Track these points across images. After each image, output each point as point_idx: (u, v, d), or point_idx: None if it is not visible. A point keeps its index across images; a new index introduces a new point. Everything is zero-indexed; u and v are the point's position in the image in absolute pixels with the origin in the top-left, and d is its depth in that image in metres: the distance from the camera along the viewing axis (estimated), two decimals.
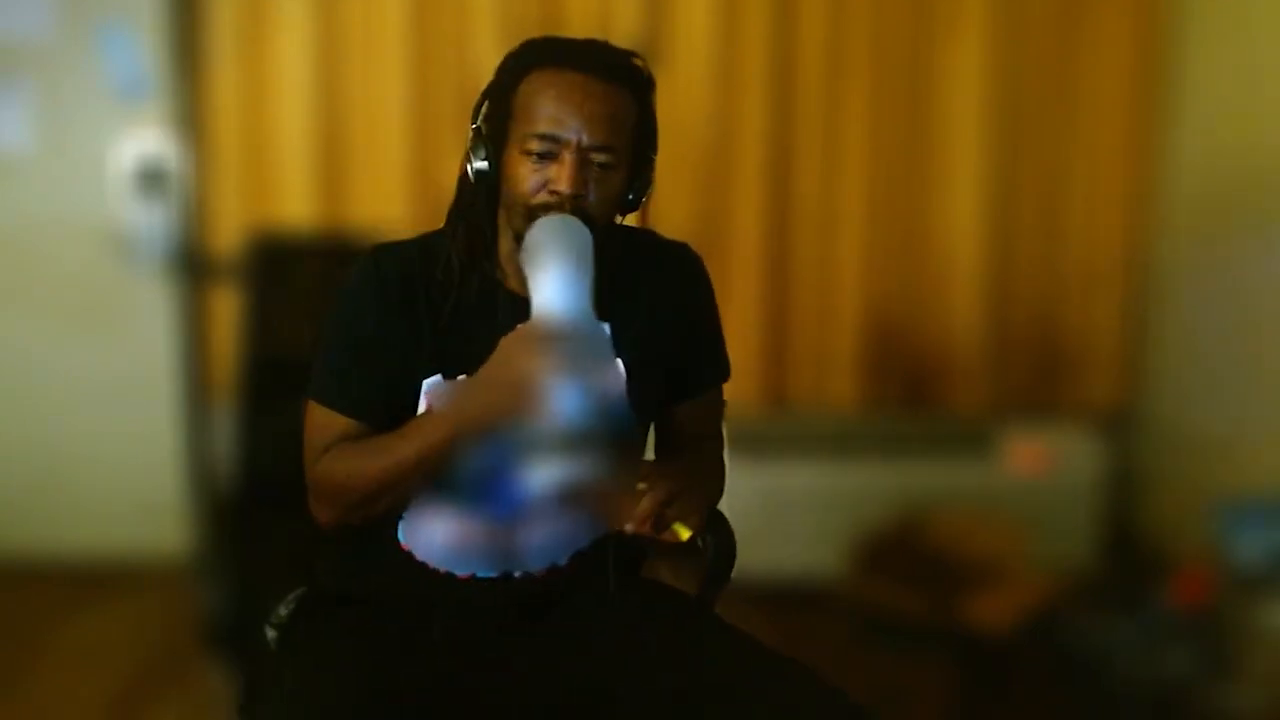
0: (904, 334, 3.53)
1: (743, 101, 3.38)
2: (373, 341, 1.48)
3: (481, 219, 1.49)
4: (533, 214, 1.42)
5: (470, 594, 1.51)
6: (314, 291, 2.76)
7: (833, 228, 3.46)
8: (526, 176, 1.43)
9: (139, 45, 3.37)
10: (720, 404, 1.68)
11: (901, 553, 3.08)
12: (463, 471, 1.46)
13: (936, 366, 3.54)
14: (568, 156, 1.42)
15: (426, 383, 1.47)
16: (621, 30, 3.31)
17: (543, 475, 1.33)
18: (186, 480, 3.48)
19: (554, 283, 1.35)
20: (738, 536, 1.62)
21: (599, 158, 1.43)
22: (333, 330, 1.52)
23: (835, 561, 3.17)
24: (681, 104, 3.36)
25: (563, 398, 1.30)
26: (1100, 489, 3.48)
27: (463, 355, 1.44)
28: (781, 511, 3.31)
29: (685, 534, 1.42)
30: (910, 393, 3.55)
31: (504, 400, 1.35)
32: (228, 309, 3.38)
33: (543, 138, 1.42)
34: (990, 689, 2.86)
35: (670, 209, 3.37)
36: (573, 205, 1.42)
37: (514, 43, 1.51)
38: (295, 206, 3.34)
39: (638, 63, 1.49)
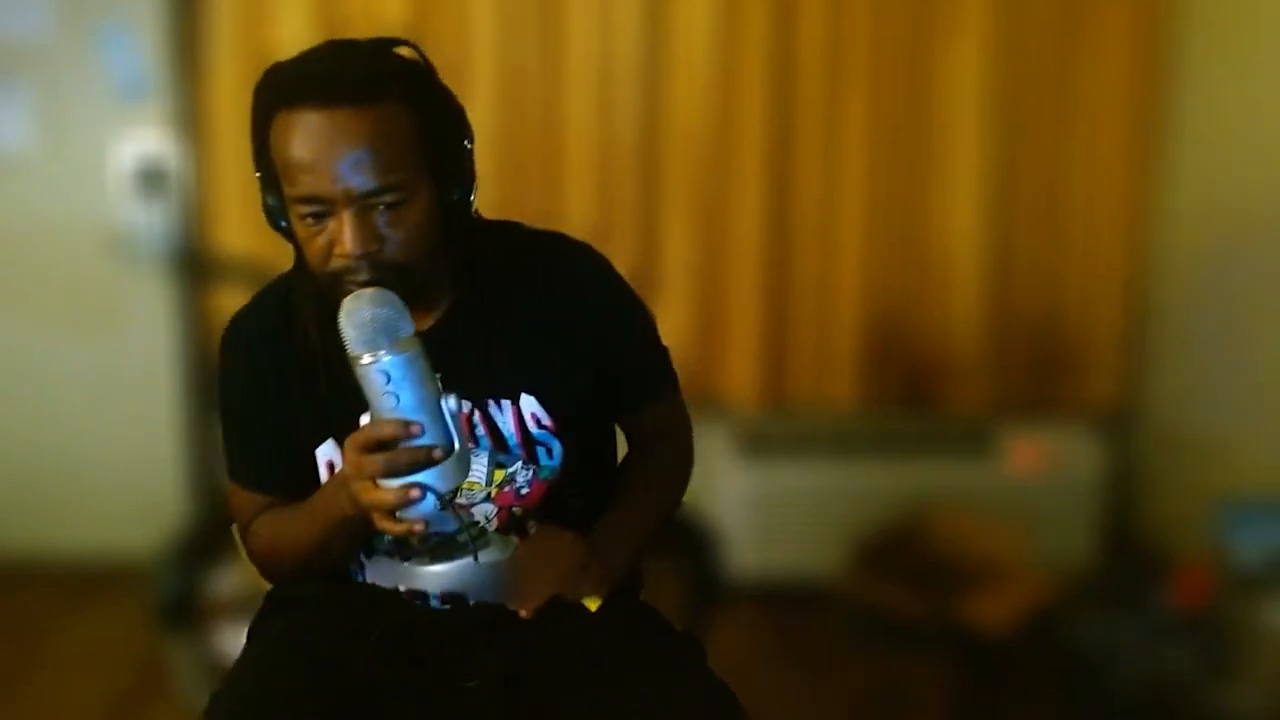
0: (904, 334, 3.52)
1: (743, 102, 3.38)
2: (254, 417, 1.43)
3: (305, 283, 1.36)
4: (334, 280, 1.29)
5: (425, 621, 1.44)
6: None
7: (833, 228, 3.45)
8: (310, 241, 1.29)
9: (139, 45, 3.37)
10: (674, 401, 1.57)
11: (901, 553, 3.07)
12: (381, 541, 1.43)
13: (936, 366, 3.54)
14: (344, 214, 1.26)
15: (320, 450, 1.42)
16: (622, 30, 3.31)
17: (420, 584, 1.31)
18: (186, 480, 3.48)
19: (374, 380, 1.23)
20: (738, 537, 1.60)
21: (383, 199, 1.26)
22: (221, 408, 1.47)
23: (835, 561, 3.17)
24: (682, 105, 3.36)
25: (407, 509, 1.25)
26: (1100, 489, 3.48)
27: (349, 416, 1.33)
28: (781, 511, 3.31)
29: (593, 605, 1.38)
30: (910, 393, 3.55)
31: (355, 508, 1.29)
32: (228, 309, 3.38)
33: (308, 200, 1.27)
34: (990, 689, 2.86)
35: (670, 209, 3.37)
36: (369, 264, 1.27)
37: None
38: None
39: (400, 54, 1.33)
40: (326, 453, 1.42)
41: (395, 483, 1.24)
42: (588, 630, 1.42)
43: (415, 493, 1.23)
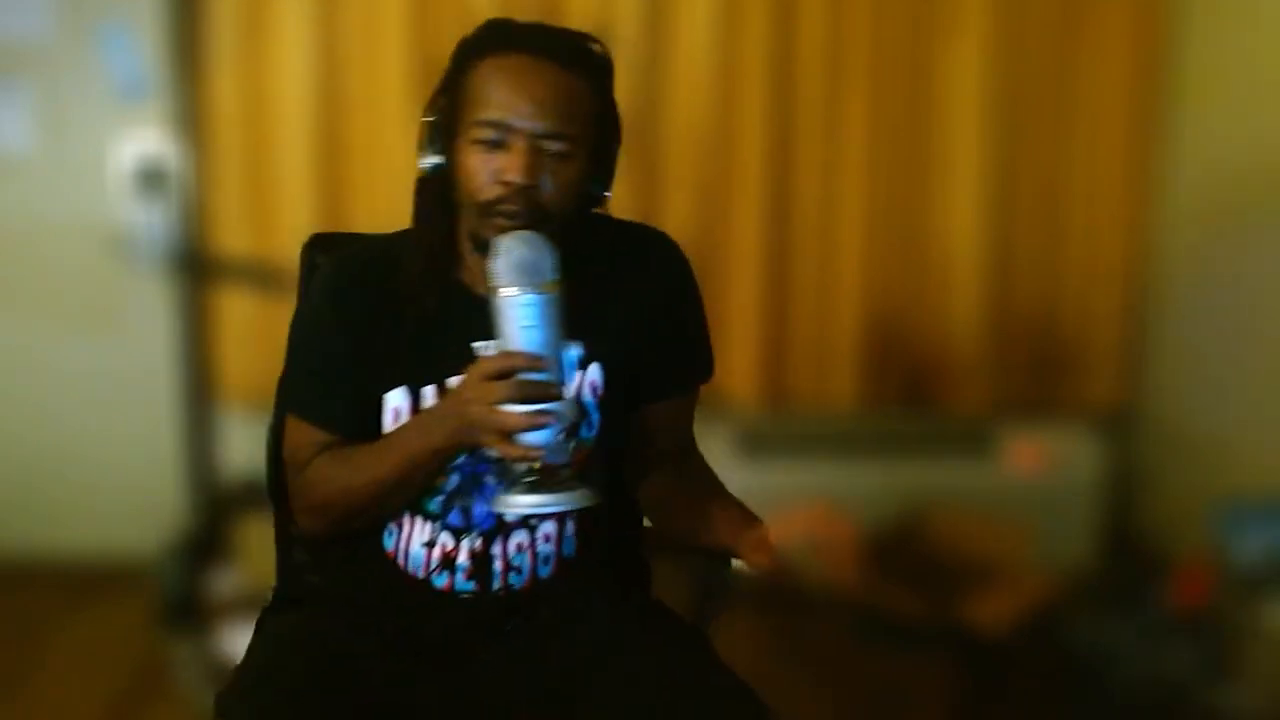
0: (904, 334, 3.52)
1: (743, 101, 3.38)
2: (336, 354, 1.46)
3: (438, 222, 1.44)
4: (485, 210, 1.37)
5: (446, 604, 1.47)
6: None
7: (833, 227, 3.45)
8: (477, 168, 1.37)
9: (139, 45, 3.37)
10: (693, 407, 1.62)
11: (901, 553, 3.08)
12: (439, 487, 1.46)
13: (936, 366, 3.54)
14: (519, 144, 1.35)
15: (390, 395, 1.45)
16: (621, 29, 3.31)
17: (520, 509, 1.35)
18: (186, 480, 3.48)
19: (515, 314, 1.32)
20: None
21: (553, 146, 1.36)
22: (299, 341, 1.50)
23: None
24: (682, 104, 3.36)
25: (529, 434, 1.32)
26: (1100, 489, 3.48)
27: (428, 367, 1.42)
28: (781, 511, 3.30)
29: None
30: (910, 392, 3.55)
31: (468, 436, 1.35)
32: (228, 309, 3.38)
33: (492, 124, 1.36)
34: (990, 689, 2.86)
35: (670, 208, 3.37)
36: (526, 197, 1.35)
37: None
38: (295, 206, 3.33)
39: (595, 47, 1.43)
40: (395, 400, 1.45)
41: (523, 408, 1.30)
42: (603, 620, 1.46)
43: (546, 419, 1.30)
